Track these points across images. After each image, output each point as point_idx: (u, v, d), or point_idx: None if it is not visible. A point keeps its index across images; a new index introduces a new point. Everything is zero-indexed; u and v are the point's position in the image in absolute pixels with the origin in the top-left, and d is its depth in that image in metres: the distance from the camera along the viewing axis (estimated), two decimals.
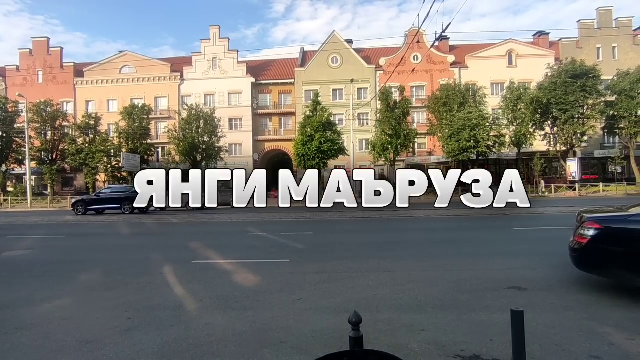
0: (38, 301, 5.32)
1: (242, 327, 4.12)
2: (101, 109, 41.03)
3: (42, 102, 36.24)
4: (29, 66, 43.08)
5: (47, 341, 3.91)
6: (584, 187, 30.50)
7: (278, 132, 42.83)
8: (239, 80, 41.91)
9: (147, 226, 15.85)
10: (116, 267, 7.43)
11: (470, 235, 10.48)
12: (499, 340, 3.55)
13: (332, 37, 41.84)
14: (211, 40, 42.49)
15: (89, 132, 36.48)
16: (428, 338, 3.71)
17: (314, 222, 14.87)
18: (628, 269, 4.61)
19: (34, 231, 14.21)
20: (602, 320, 4.06)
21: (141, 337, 3.93)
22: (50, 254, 9.50)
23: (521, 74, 37.51)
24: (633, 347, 3.42)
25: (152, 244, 10.76)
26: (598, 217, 5.00)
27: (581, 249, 4.90)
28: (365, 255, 7.91)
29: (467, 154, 29.80)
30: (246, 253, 8.60)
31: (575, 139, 31.47)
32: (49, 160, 37.04)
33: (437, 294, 5.10)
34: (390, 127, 31.99)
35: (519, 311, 2.03)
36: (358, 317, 1.58)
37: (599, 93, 30.52)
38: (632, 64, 33.51)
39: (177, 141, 34.35)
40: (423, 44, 37.00)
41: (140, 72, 42.61)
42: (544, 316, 4.18)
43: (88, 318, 4.58)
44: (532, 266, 6.40)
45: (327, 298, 5.08)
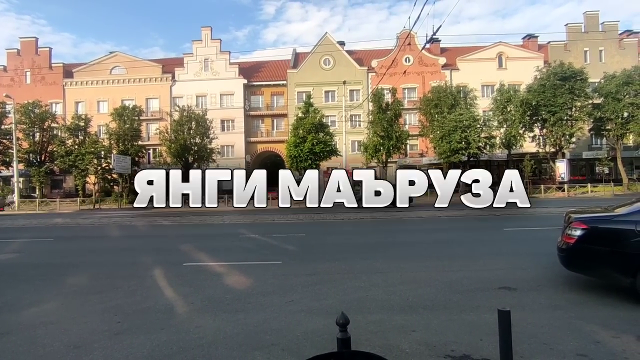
0: (25, 305, 5.23)
1: (233, 330, 4.11)
2: (91, 110, 40.49)
3: (30, 103, 35.66)
4: (17, 66, 42.35)
5: (34, 346, 3.85)
6: (572, 188, 30.99)
7: (270, 133, 42.72)
8: (231, 82, 41.74)
9: (138, 228, 15.68)
10: (105, 270, 7.34)
11: (461, 236, 10.57)
12: (488, 339, 3.58)
13: (324, 39, 41.90)
14: (203, 41, 42.27)
15: (79, 133, 35.95)
16: (419, 338, 3.73)
17: (307, 224, 14.87)
18: (614, 268, 4.70)
19: (22, 234, 13.97)
20: (589, 318, 4.13)
21: (131, 340, 3.89)
22: (38, 257, 9.35)
23: (511, 76, 37.99)
24: (618, 345, 3.49)
25: (143, 247, 10.64)
26: (585, 217, 5.09)
27: (569, 249, 4.98)
28: (357, 257, 7.92)
29: (459, 156, 30.07)
30: (238, 255, 8.56)
31: (563, 141, 31.94)
32: (38, 162, 36.42)
33: (428, 295, 5.13)
34: (382, 128, 32.16)
35: (506, 311, 2.05)
36: (345, 319, 1.59)
37: (587, 95, 31.03)
38: (618, 66, 34.16)
39: (169, 143, 34.09)
40: (414, 46, 37.26)
41: (131, 73, 42.17)
42: (532, 315, 4.24)
43: (76, 322, 4.51)
44: (521, 266, 6.48)
45: (318, 300, 5.08)
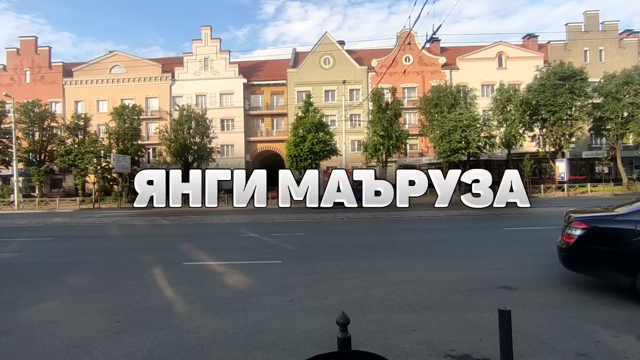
0: (24, 304, 5.23)
1: (232, 329, 4.10)
2: (91, 109, 40.44)
3: (30, 102, 35.63)
4: (16, 65, 42.30)
5: (33, 345, 3.84)
6: (572, 188, 30.98)
7: (270, 133, 42.69)
8: (231, 81, 41.71)
9: (138, 228, 15.67)
10: (105, 270, 7.34)
11: (461, 236, 10.57)
12: (488, 339, 3.58)
13: (324, 38, 41.87)
14: (203, 40, 42.22)
15: (78, 132, 35.91)
16: (419, 338, 3.73)
17: (307, 223, 14.86)
18: (614, 267, 4.70)
19: (22, 233, 13.96)
20: (589, 318, 4.13)
21: (131, 340, 3.89)
22: (38, 256, 9.33)
23: (511, 76, 37.97)
24: (618, 345, 3.48)
25: (143, 246, 10.64)
26: (585, 217, 5.09)
27: (569, 249, 4.98)
28: (357, 256, 7.91)
29: (458, 155, 30.06)
30: (238, 254, 8.55)
31: (563, 140, 31.94)
32: (37, 162, 36.40)
33: (428, 294, 5.13)
34: (382, 128, 32.14)
35: (507, 310, 2.05)
36: (345, 318, 1.58)
37: (587, 95, 31.02)
38: (617, 66, 34.14)
39: (169, 142, 34.05)
40: (414, 45, 37.24)
41: (130, 72, 42.12)
42: (532, 315, 4.24)
43: (76, 321, 4.51)
44: (521, 266, 6.48)
45: (318, 299, 5.07)
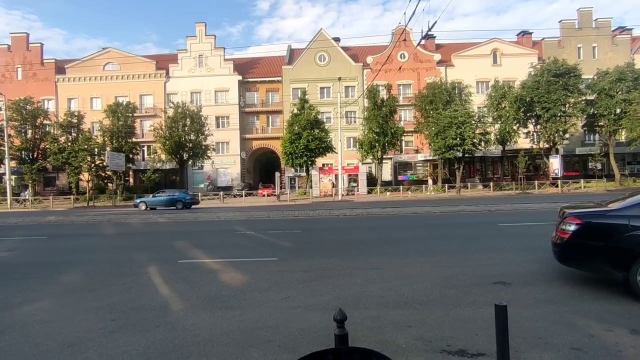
0: (18, 304, 5.18)
1: (229, 327, 4.09)
2: (84, 106, 40.08)
3: (22, 99, 35.20)
4: (8, 62, 41.75)
5: (27, 345, 3.81)
6: (565, 184, 31.27)
7: (265, 130, 42.54)
8: (226, 78, 41.48)
9: (133, 226, 15.57)
10: (100, 268, 7.28)
11: (456, 232, 10.62)
12: (484, 334, 3.60)
13: (319, 35, 41.74)
14: (197, 37, 41.92)
15: (72, 130, 35.61)
16: (415, 334, 3.74)
17: (302, 220, 14.86)
18: (607, 262, 4.75)
19: (15, 232, 13.82)
20: (583, 312, 4.17)
21: (126, 338, 3.86)
22: (31, 255, 9.24)
23: (505, 73, 38.13)
24: (612, 338, 3.52)
25: (138, 244, 10.58)
26: (579, 212, 5.13)
27: (563, 244, 5.02)
28: (352, 253, 7.92)
29: (454, 152, 30.17)
30: (233, 252, 8.53)
31: (557, 137, 32.17)
32: (30, 160, 36.03)
33: (423, 290, 5.15)
34: (377, 125, 32.18)
35: (503, 305, 2.06)
36: (343, 315, 1.58)
37: (580, 92, 31.23)
38: (611, 63, 34.41)
39: (163, 139, 33.84)
40: (409, 42, 37.28)
41: (124, 69, 41.73)
42: (527, 310, 4.27)
43: (70, 320, 4.47)
44: (516, 261, 6.52)
45: (314, 296, 5.08)
